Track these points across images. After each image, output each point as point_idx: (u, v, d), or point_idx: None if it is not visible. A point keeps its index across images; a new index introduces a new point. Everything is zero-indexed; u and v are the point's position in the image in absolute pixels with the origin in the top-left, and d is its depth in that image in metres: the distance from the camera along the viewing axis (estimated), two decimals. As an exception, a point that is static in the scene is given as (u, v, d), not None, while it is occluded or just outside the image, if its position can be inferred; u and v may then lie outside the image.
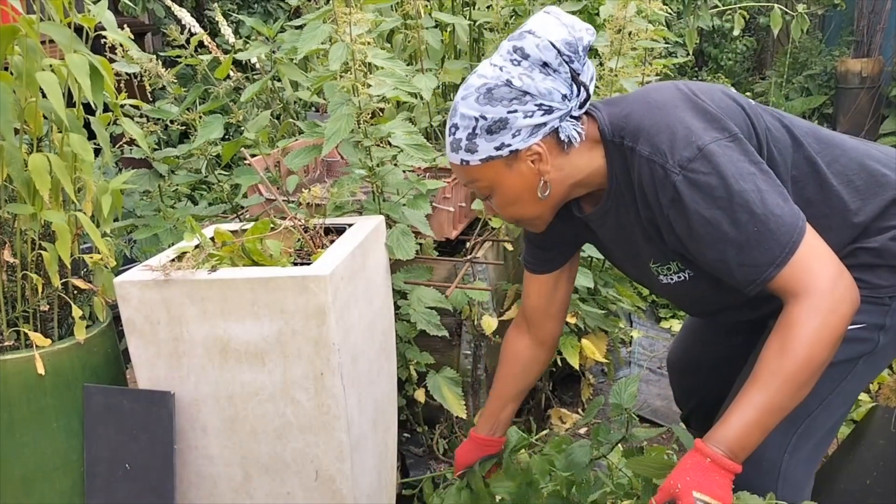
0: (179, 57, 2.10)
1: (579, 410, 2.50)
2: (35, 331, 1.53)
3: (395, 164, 1.86)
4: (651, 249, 1.30)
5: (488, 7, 2.32)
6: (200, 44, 2.12)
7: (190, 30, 2.10)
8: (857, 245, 1.28)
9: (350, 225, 1.71)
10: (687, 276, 1.31)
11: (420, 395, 2.01)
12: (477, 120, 1.20)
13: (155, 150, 2.21)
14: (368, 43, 1.67)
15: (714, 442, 1.12)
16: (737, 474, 1.12)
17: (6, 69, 1.47)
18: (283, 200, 1.76)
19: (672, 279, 1.33)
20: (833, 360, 1.24)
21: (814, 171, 1.27)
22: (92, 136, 1.58)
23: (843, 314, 1.12)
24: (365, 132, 1.76)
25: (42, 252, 1.51)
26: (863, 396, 2.00)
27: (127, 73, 2.00)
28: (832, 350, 1.12)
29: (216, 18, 2.31)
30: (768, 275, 1.13)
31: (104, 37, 1.70)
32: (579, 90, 1.22)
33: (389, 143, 1.82)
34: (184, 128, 2.27)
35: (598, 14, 3.00)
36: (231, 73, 2.15)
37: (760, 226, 1.12)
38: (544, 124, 1.20)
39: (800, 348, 1.10)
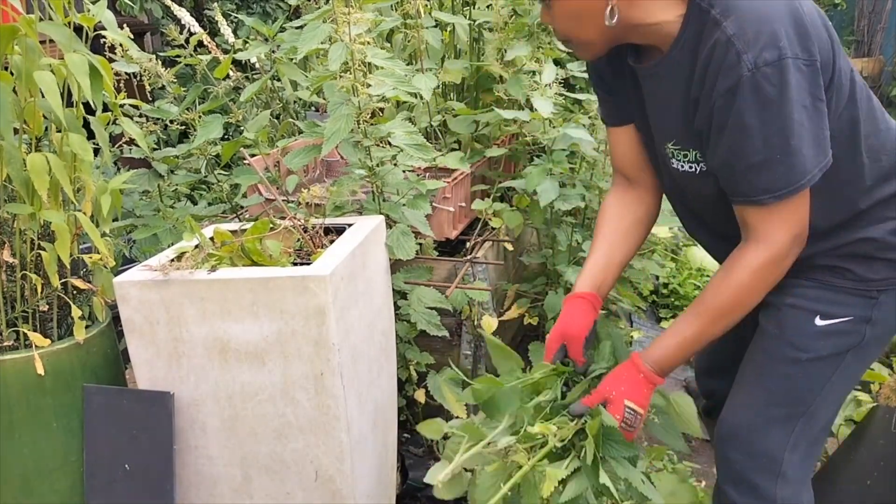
0: (179, 57, 2.09)
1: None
2: (34, 331, 1.53)
3: (395, 164, 1.86)
4: (679, 126, 1.26)
5: (488, 6, 2.32)
6: (200, 43, 2.12)
7: (189, 29, 2.10)
8: (859, 235, 1.27)
9: (350, 225, 1.71)
10: (698, 169, 1.27)
11: (420, 396, 2.00)
12: None
13: (154, 149, 2.20)
14: (368, 43, 1.66)
15: (647, 358, 1.28)
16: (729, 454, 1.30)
17: (6, 69, 1.47)
18: (283, 200, 1.76)
19: (682, 166, 1.29)
20: (821, 354, 1.28)
21: (853, 133, 1.24)
22: (91, 135, 1.58)
23: (783, 270, 1.21)
24: (364, 132, 1.76)
25: (41, 252, 1.51)
26: (863, 397, 1.99)
27: (126, 73, 2.00)
28: (763, 295, 1.23)
29: (216, 18, 2.31)
30: (760, 199, 1.16)
31: (104, 36, 1.69)
32: None
33: (389, 143, 1.82)
34: (183, 128, 2.27)
35: (597, 14, 3.00)
36: (231, 73, 2.15)
37: (783, 156, 1.12)
38: None
39: (738, 290, 1.21)
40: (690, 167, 1.29)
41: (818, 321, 1.29)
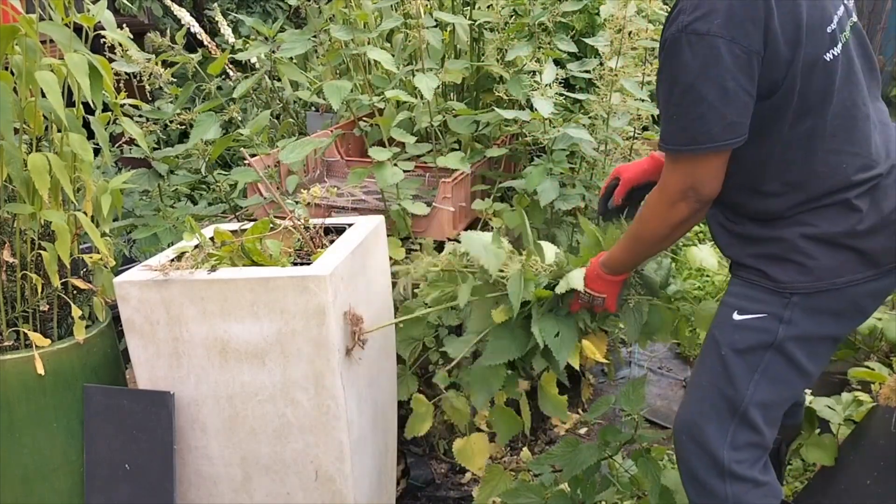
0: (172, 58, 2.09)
1: (579, 411, 2.50)
2: (35, 331, 1.53)
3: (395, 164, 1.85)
4: None
5: (488, 7, 2.32)
6: (200, 43, 2.11)
7: (189, 29, 2.10)
8: (776, 233, 1.31)
9: (350, 225, 1.70)
10: None
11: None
12: None
13: (154, 149, 2.20)
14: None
15: (600, 259, 1.49)
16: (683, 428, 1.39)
17: (6, 68, 1.47)
18: (283, 199, 1.76)
19: None
20: (737, 347, 1.36)
21: (808, 142, 1.26)
22: (91, 135, 1.58)
23: (678, 215, 1.30)
24: None
25: (42, 252, 1.51)
26: (863, 397, 1.99)
27: (126, 73, 2.00)
28: (666, 231, 1.34)
29: (216, 18, 2.31)
30: (660, 145, 1.28)
31: (104, 36, 1.69)
32: None
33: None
34: (183, 128, 2.27)
35: (598, 14, 3.00)
36: (231, 73, 2.15)
37: (681, 118, 1.22)
38: None
39: (638, 220, 1.38)
40: None
41: (735, 315, 1.35)
